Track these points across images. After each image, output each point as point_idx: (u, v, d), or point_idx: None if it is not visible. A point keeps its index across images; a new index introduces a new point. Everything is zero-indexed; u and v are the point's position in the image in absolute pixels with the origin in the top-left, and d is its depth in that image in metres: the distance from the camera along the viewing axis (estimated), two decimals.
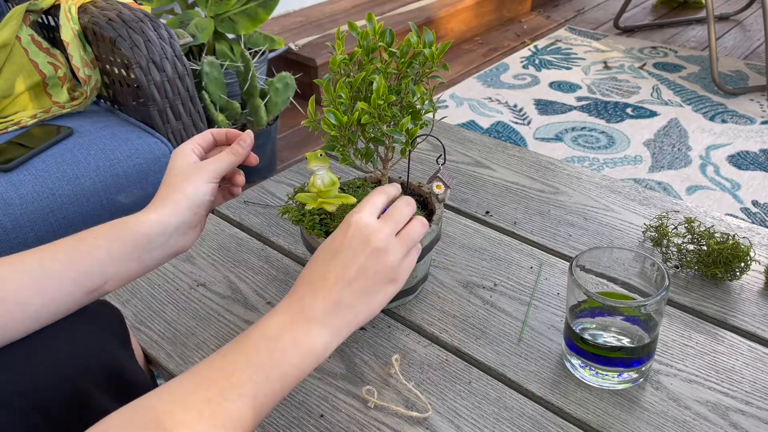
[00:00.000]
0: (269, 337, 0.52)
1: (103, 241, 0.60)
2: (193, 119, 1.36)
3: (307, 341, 0.53)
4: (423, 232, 0.60)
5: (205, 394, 0.48)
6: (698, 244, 0.81)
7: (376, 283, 0.56)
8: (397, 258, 0.57)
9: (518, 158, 1.07)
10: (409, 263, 0.59)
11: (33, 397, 0.56)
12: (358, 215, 0.58)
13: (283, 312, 0.54)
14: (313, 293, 0.55)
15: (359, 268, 0.55)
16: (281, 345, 0.52)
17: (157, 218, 0.62)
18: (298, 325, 0.53)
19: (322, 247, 0.58)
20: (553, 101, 2.38)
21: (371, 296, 0.56)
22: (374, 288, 0.56)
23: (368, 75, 0.66)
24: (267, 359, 0.51)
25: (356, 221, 0.57)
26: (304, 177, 1.03)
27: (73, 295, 0.58)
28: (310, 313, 0.54)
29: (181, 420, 0.46)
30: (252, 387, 0.49)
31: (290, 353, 0.52)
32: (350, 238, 0.56)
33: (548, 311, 0.77)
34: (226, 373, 0.49)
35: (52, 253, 0.58)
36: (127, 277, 0.62)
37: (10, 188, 1.13)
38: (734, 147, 2.06)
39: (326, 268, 0.56)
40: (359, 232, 0.56)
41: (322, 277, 0.55)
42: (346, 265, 0.55)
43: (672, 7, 3.24)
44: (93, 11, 1.32)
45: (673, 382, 0.68)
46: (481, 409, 0.65)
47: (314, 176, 0.69)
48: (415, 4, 2.82)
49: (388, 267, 0.57)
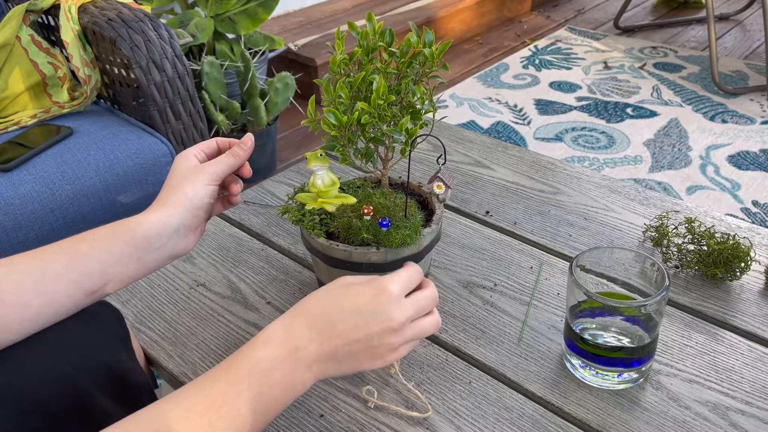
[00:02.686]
0: (261, 370, 0.52)
1: (103, 242, 0.60)
2: (193, 119, 1.36)
3: (294, 381, 0.54)
4: (434, 331, 0.60)
5: (196, 422, 0.49)
6: (698, 244, 0.81)
7: (370, 355, 0.56)
8: (400, 342, 0.57)
9: (518, 158, 1.07)
10: (405, 351, 0.59)
11: (33, 398, 0.56)
12: (392, 287, 0.57)
13: (278, 345, 0.54)
14: (313, 336, 0.54)
15: (366, 336, 0.55)
16: (270, 380, 0.52)
17: (157, 219, 0.62)
18: (288, 363, 0.53)
19: (344, 293, 0.57)
20: (553, 101, 2.38)
21: (358, 362, 0.56)
22: (366, 357, 0.56)
23: (368, 75, 0.66)
24: (256, 393, 0.52)
25: (389, 293, 0.56)
26: (304, 177, 1.03)
27: (74, 297, 0.58)
28: (304, 354, 0.54)
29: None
30: (240, 420, 0.50)
31: (277, 389, 0.53)
32: (377, 305, 0.56)
33: (548, 311, 0.77)
34: (217, 403, 0.50)
35: (52, 254, 0.58)
36: (128, 279, 0.62)
37: (10, 188, 1.13)
38: (734, 147, 2.06)
39: (339, 318, 0.55)
40: (388, 304, 0.56)
41: (330, 324, 0.55)
42: (358, 327, 0.55)
43: (672, 7, 3.24)
44: (93, 11, 1.32)
45: (673, 382, 0.68)
46: (481, 409, 0.65)
47: (314, 176, 0.69)
48: (415, 3, 2.82)
49: (389, 347, 0.57)
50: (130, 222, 0.61)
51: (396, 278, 0.58)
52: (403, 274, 0.59)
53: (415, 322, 0.58)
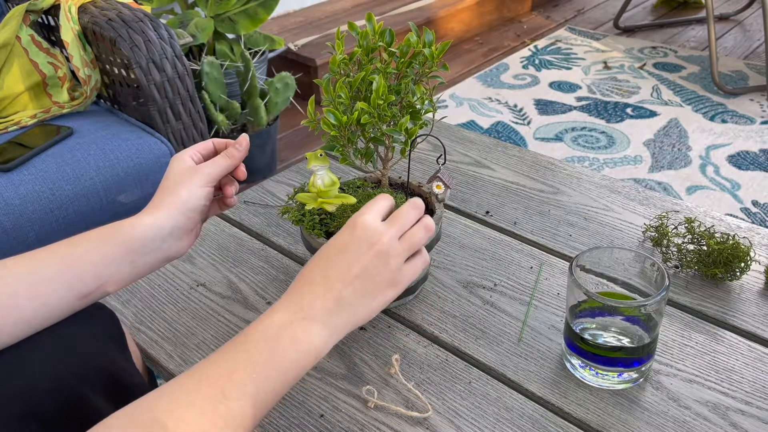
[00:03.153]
0: (269, 335, 0.52)
1: (96, 245, 0.59)
2: (193, 119, 1.36)
3: (306, 339, 0.53)
4: (426, 236, 0.60)
5: (207, 392, 0.48)
6: (698, 244, 0.81)
7: (377, 285, 0.56)
8: (400, 262, 0.57)
9: (518, 158, 1.07)
10: (412, 269, 0.59)
11: (28, 402, 0.55)
12: (364, 217, 0.58)
13: (283, 309, 0.54)
14: (313, 291, 0.55)
15: (362, 269, 0.56)
16: (281, 344, 0.52)
17: (151, 222, 0.62)
18: (297, 324, 0.53)
19: (326, 246, 0.58)
20: (553, 101, 2.38)
21: (371, 298, 0.56)
22: (374, 290, 0.56)
23: (368, 75, 0.66)
24: (267, 358, 0.51)
25: (362, 222, 0.57)
26: (304, 177, 1.03)
27: (67, 300, 0.58)
28: (310, 311, 0.54)
29: (182, 418, 0.46)
30: (253, 386, 0.50)
31: (290, 351, 0.52)
32: (356, 239, 0.57)
33: (548, 311, 0.77)
34: (227, 371, 0.50)
35: (45, 257, 0.58)
36: (121, 282, 0.61)
37: (10, 188, 1.13)
38: (734, 147, 2.06)
39: (329, 266, 0.56)
40: (365, 233, 0.57)
41: (324, 275, 0.56)
42: (350, 265, 0.56)
43: (672, 7, 3.24)
44: (93, 11, 1.32)
45: (673, 382, 0.68)
46: (481, 409, 0.65)
47: (314, 176, 0.69)
48: (415, 4, 2.82)
49: (391, 270, 0.57)
50: (124, 225, 0.61)
51: (364, 209, 0.59)
52: (369, 203, 0.60)
53: (403, 236, 0.59)
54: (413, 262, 0.59)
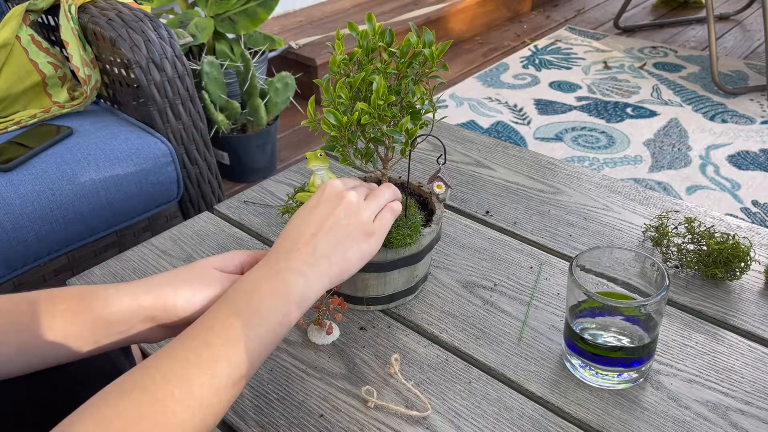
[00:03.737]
0: (246, 289, 0.54)
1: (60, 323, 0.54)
2: (193, 119, 1.36)
3: (282, 287, 0.54)
4: (387, 191, 0.65)
5: (189, 344, 0.50)
6: (698, 244, 0.81)
7: (350, 234, 0.60)
8: (369, 214, 0.62)
9: (518, 158, 1.07)
10: (384, 221, 0.63)
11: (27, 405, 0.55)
12: (331, 182, 0.64)
13: (259, 267, 0.57)
14: (289, 246, 0.58)
15: (334, 220, 0.60)
16: (258, 294, 0.54)
17: (128, 305, 0.55)
18: (273, 276, 0.55)
19: (297, 212, 0.62)
20: (553, 101, 2.38)
21: (345, 248, 0.60)
22: (349, 240, 0.60)
23: (368, 75, 0.66)
24: (245, 307, 0.52)
25: (331, 185, 0.63)
26: (304, 177, 1.03)
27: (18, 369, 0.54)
28: (285, 264, 0.56)
29: (169, 369, 0.47)
30: (234, 332, 0.51)
31: (268, 300, 0.54)
32: (325, 197, 0.62)
33: (548, 311, 0.77)
34: (206, 325, 0.51)
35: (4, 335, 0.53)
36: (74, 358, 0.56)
37: (10, 188, 1.13)
38: (734, 147, 2.06)
39: (302, 224, 0.60)
40: (333, 191, 0.62)
41: (299, 232, 0.59)
42: (322, 219, 0.60)
43: (672, 7, 3.24)
44: (93, 11, 1.32)
45: (673, 382, 0.68)
46: (481, 409, 0.65)
47: (314, 176, 0.70)
48: (414, 4, 2.82)
49: (362, 221, 0.61)
50: (96, 301, 0.55)
51: (330, 180, 0.65)
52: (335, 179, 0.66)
53: (368, 195, 0.64)
54: (382, 214, 0.64)
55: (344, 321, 0.76)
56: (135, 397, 0.45)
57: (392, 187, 0.67)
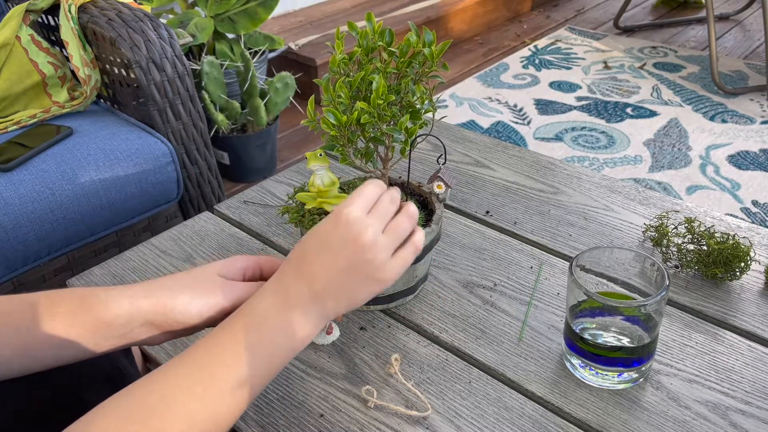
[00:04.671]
0: (255, 322, 0.54)
1: (60, 326, 0.54)
2: (193, 119, 1.36)
3: (290, 326, 0.54)
4: (410, 226, 0.59)
5: (197, 376, 0.50)
6: (698, 244, 0.81)
7: (361, 279, 0.56)
8: (386, 256, 0.57)
9: (518, 158, 1.07)
10: (400, 262, 0.58)
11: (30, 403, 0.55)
12: (348, 210, 0.56)
13: (269, 297, 0.55)
14: (299, 281, 0.56)
15: (346, 263, 0.55)
16: (267, 329, 0.53)
17: (128, 309, 0.55)
18: (282, 312, 0.54)
19: (311, 235, 0.57)
20: (553, 101, 2.38)
21: (355, 290, 0.57)
22: (361, 284, 0.56)
23: (368, 75, 0.66)
24: (255, 341, 0.52)
25: (346, 216, 0.56)
26: (304, 177, 1.03)
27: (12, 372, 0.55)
28: (295, 300, 0.55)
29: (173, 400, 0.48)
30: (241, 367, 0.51)
31: (278, 336, 0.54)
32: (339, 233, 0.56)
33: (548, 311, 0.77)
34: (216, 354, 0.51)
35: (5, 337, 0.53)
36: (74, 359, 0.56)
37: (10, 188, 1.13)
38: (734, 147, 2.06)
39: (313, 258, 0.56)
40: (347, 227, 0.56)
41: (309, 268, 0.56)
42: (334, 259, 0.55)
43: (672, 7, 3.24)
44: (93, 11, 1.32)
45: (673, 382, 0.68)
46: (481, 409, 0.65)
47: (314, 176, 0.70)
48: (415, 4, 2.82)
49: (375, 265, 0.56)
50: (97, 304, 0.55)
51: (349, 200, 0.57)
52: (356, 193, 0.58)
53: (387, 227, 0.57)
54: (402, 253, 0.58)
55: (344, 321, 0.76)
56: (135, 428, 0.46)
57: (412, 213, 0.59)
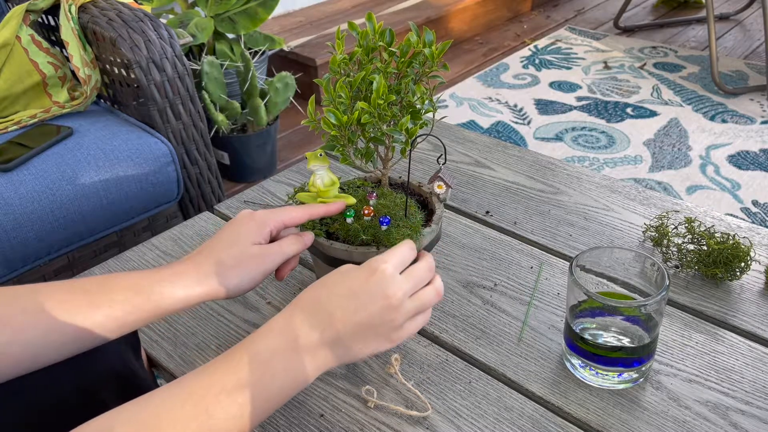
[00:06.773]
0: (261, 360, 0.52)
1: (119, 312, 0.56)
2: (193, 119, 1.36)
3: (295, 369, 0.53)
4: (436, 300, 0.60)
5: (192, 411, 0.48)
6: (698, 244, 0.81)
7: (376, 335, 0.56)
8: (404, 319, 0.57)
9: (518, 158, 1.07)
10: (412, 328, 0.59)
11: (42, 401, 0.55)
12: (384, 266, 0.57)
13: (278, 335, 0.54)
14: (314, 324, 0.54)
15: (368, 318, 0.55)
16: (271, 370, 0.52)
17: (183, 297, 0.59)
18: (289, 353, 0.53)
19: (339, 280, 0.57)
20: (553, 101, 2.38)
21: (365, 344, 0.56)
22: (372, 339, 0.56)
23: (368, 75, 0.66)
24: (257, 382, 0.51)
25: (383, 271, 0.57)
26: (304, 177, 1.03)
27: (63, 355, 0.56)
28: (305, 342, 0.54)
29: (166, 430, 0.47)
30: (238, 408, 0.50)
31: (280, 378, 0.52)
32: (371, 285, 0.56)
33: (548, 311, 0.77)
34: (215, 391, 0.50)
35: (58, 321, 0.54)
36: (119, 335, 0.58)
37: (10, 188, 1.13)
38: (734, 147, 2.06)
39: (336, 304, 0.55)
40: (382, 282, 0.56)
41: (329, 312, 0.55)
42: (357, 310, 0.55)
43: (672, 7, 3.24)
44: (93, 11, 1.32)
45: (673, 382, 0.68)
46: (481, 409, 0.65)
47: (314, 176, 0.69)
48: (414, 3, 2.82)
49: (394, 326, 0.57)
50: (154, 294, 0.57)
51: (387, 257, 0.58)
52: (395, 251, 0.59)
53: (414, 295, 0.58)
54: (415, 320, 0.59)
55: None
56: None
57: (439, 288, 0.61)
